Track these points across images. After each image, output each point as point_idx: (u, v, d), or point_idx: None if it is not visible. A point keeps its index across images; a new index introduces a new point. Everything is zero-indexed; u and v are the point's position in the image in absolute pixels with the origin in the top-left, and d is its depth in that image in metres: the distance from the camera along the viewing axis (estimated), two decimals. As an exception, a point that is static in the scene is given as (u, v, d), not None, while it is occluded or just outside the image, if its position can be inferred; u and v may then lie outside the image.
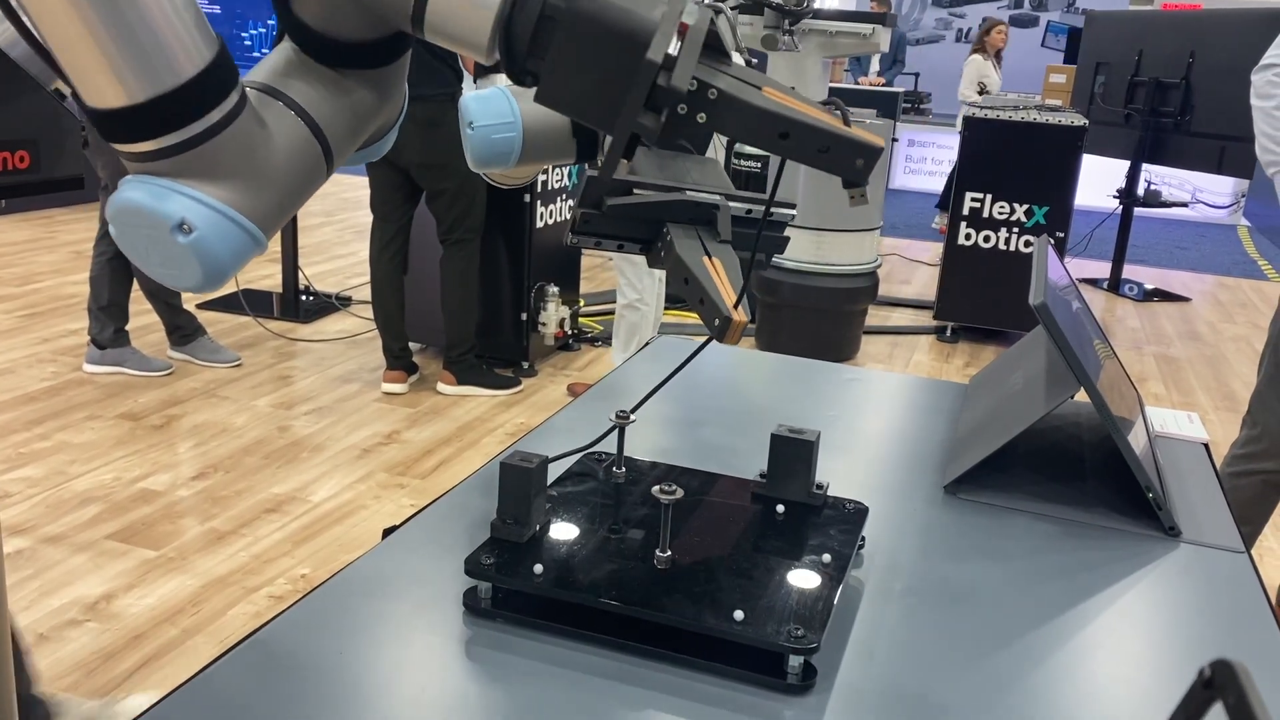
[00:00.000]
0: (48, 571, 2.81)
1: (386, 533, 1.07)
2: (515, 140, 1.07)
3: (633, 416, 1.08)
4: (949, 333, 5.61)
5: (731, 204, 0.89)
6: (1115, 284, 7.04)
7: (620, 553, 0.93)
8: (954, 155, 5.83)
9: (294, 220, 5.20)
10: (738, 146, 5.91)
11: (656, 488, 0.89)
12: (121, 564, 2.87)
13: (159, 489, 3.32)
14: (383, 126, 0.93)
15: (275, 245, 6.44)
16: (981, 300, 5.49)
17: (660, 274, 4.25)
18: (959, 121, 7.23)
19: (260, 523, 3.14)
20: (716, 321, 0.73)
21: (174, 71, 0.72)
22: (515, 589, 0.89)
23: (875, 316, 5.78)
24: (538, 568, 0.89)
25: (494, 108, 1.07)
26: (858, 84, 10.96)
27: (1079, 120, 5.26)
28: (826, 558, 0.93)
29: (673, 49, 0.71)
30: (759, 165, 5.78)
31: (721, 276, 0.75)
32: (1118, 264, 7.03)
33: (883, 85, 10.79)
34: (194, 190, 0.74)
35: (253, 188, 0.77)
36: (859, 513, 1.03)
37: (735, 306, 0.73)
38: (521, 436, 1.31)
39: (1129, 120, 6.58)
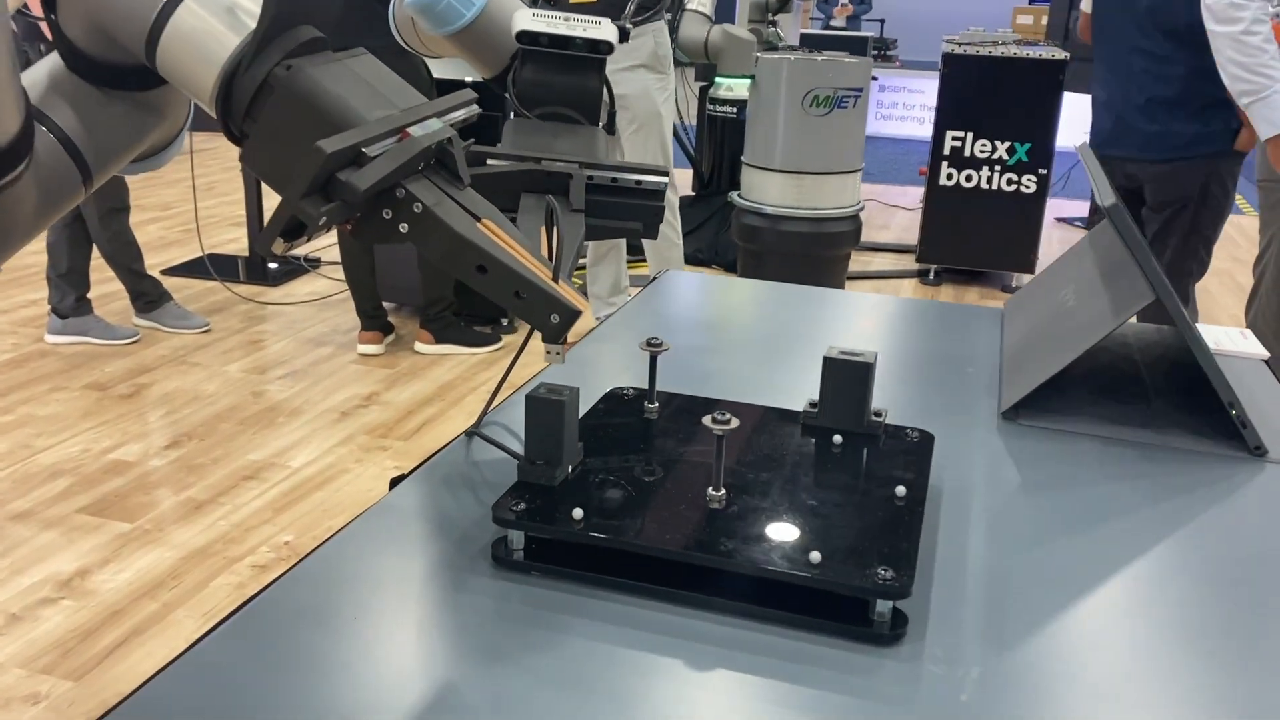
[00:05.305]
0: (17, 549, 2.68)
1: (394, 483, 0.95)
2: (464, 16, 1.06)
3: (666, 345, 0.96)
4: (932, 275, 5.52)
5: (599, 172, 0.95)
6: (1094, 223, 6.97)
7: (668, 493, 0.82)
8: (925, 100, 5.72)
9: (258, 182, 5.02)
10: (711, 91, 5.77)
11: (708, 418, 0.78)
12: (95, 538, 2.74)
13: (131, 459, 3.18)
14: (161, 140, 0.93)
15: (239, 209, 6.27)
16: (965, 241, 5.39)
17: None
18: None
19: (239, 491, 3.01)
20: (556, 318, 0.73)
21: None
22: (552, 537, 0.78)
23: (856, 262, 5.67)
24: (577, 512, 0.78)
25: None
26: (830, 25, 10.81)
27: (1060, 54, 5.15)
28: (900, 490, 0.83)
29: (375, 150, 0.71)
30: (735, 111, 5.65)
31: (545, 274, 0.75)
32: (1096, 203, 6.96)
33: (851, 13, 10.67)
34: None
35: (7, 234, 0.81)
36: (925, 441, 0.92)
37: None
38: (535, 378, 1.19)
39: (1105, 55, 6.48)
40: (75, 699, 2.14)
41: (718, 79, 5.74)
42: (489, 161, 0.95)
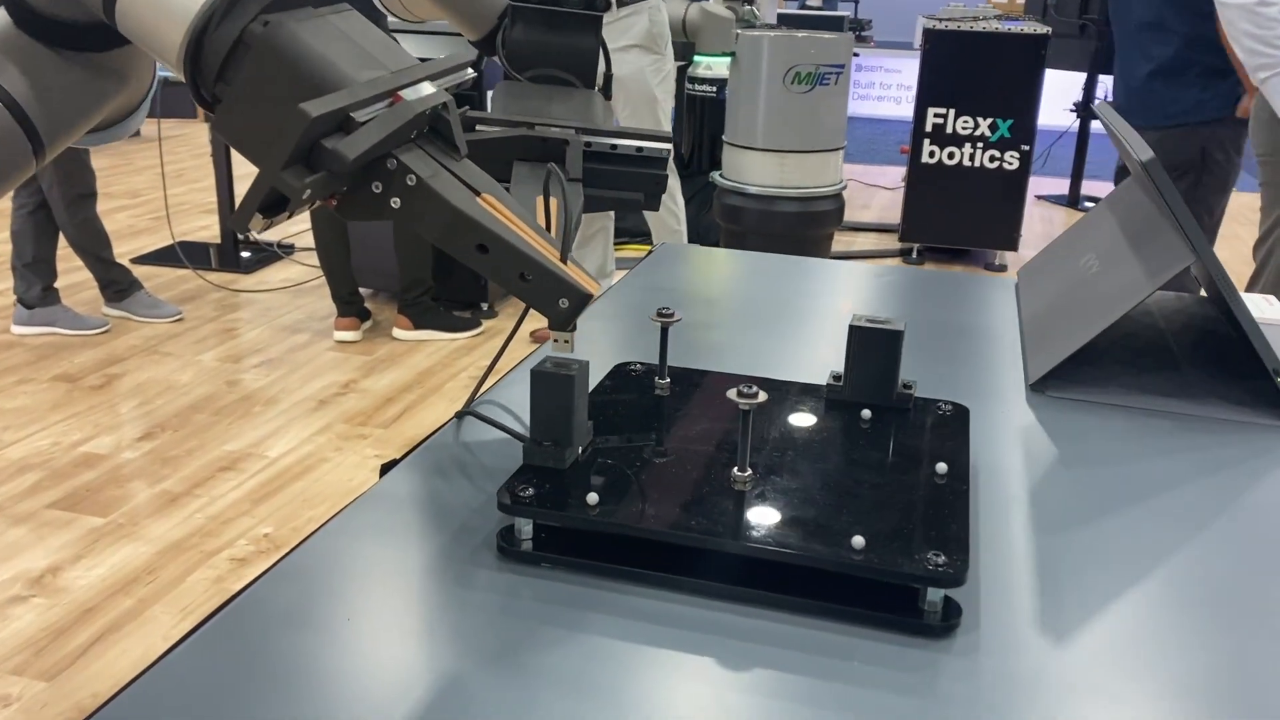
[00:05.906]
0: (-15, 546, 2.59)
1: (385, 470, 0.88)
2: None
3: (677, 315, 0.89)
4: (915, 254, 5.47)
5: (597, 139, 0.90)
6: (1074, 200, 6.94)
7: (689, 474, 0.75)
8: (902, 79, 5.67)
9: (228, 168, 4.91)
10: (690, 70, 5.70)
11: (733, 391, 0.71)
12: (66, 534, 2.65)
13: (102, 452, 3.08)
14: (123, 108, 0.85)
15: (210, 195, 6.14)
16: (948, 219, 5.34)
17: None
18: None
19: (215, 482, 2.93)
20: (565, 303, 0.68)
21: None
22: (565, 525, 0.71)
23: (838, 242, 5.61)
24: (592, 497, 0.71)
25: None
26: (806, 5, 10.76)
27: (1041, 29, 5.10)
28: (941, 468, 0.76)
29: (364, 115, 0.64)
30: (714, 90, 5.57)
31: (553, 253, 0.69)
32: (1076, 179, 6.93)
33: None
34: None
35: None
36: (960, 414, 0.86)
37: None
38: (522, 362, 1.12)
39: (1084, 31, 6.44)
40: (48, 700, 2.06)
41: (696, 58, 5.65)
42: (478, 128, 0.89)
